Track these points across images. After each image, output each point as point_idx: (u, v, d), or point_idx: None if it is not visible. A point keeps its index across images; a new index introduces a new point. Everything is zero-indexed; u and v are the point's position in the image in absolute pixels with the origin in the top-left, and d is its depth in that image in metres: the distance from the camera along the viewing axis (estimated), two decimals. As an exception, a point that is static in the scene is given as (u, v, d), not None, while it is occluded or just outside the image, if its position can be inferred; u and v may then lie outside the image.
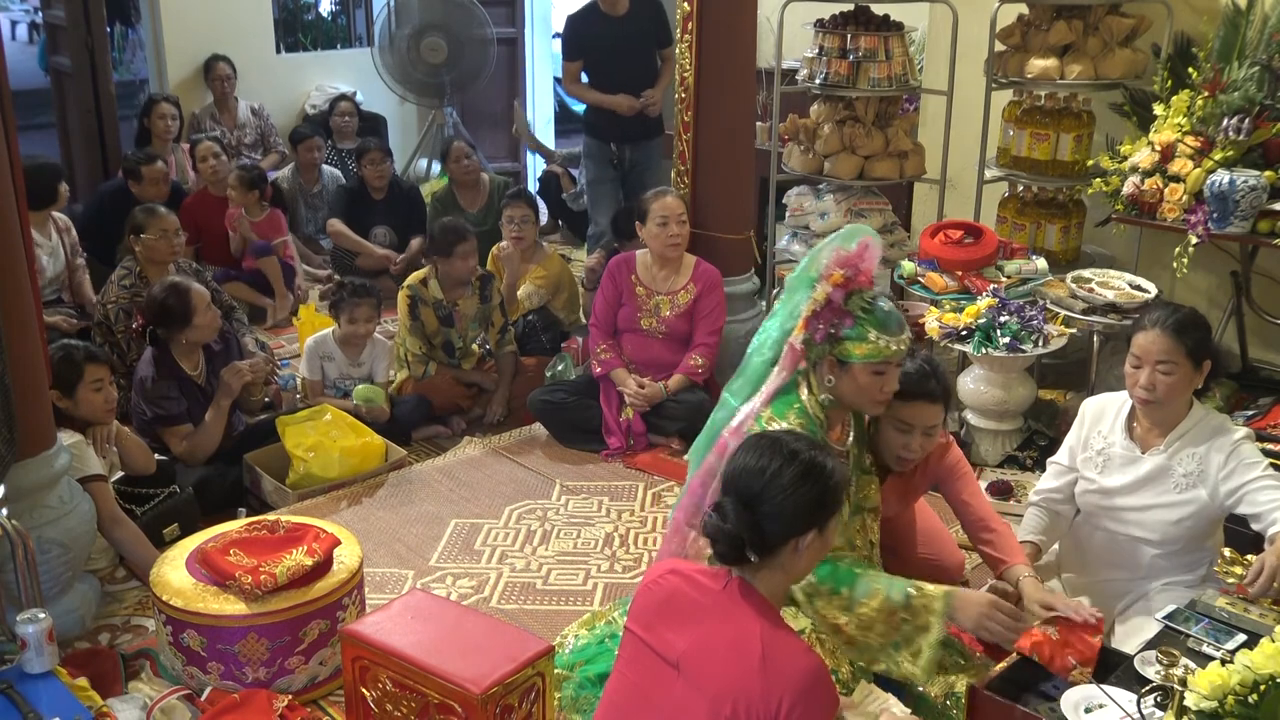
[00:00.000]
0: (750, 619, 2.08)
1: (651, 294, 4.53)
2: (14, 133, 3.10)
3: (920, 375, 3.00)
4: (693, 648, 2.10)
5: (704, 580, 2.18)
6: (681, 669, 2.10)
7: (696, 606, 2.15)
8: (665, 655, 2.14)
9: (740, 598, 2.12)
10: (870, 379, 2.74)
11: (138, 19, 7.75)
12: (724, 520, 2.12)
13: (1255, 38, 4.29)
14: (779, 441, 2.19)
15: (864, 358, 2.71)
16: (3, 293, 2.99)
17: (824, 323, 2.72)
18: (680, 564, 2.28)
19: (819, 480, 2.13)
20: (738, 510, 2.11)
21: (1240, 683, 1.96)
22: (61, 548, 3.16)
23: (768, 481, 2.11)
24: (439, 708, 2.45)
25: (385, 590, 3.54)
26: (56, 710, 2.53)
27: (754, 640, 2.05)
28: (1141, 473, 3.03)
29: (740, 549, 2.11)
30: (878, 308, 2.73)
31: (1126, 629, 2.98)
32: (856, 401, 2.81)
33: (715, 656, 2.07)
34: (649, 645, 2.17)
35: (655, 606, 2.20)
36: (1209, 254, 4.58)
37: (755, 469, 2.14)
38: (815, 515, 2.13)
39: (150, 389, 4.05)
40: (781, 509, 2.10)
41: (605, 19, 5.72)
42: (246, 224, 6.06)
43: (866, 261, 2.76)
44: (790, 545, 2.12)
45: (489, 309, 4.90)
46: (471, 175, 6.52)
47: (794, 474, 2.11)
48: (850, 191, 5.16)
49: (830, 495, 2.15)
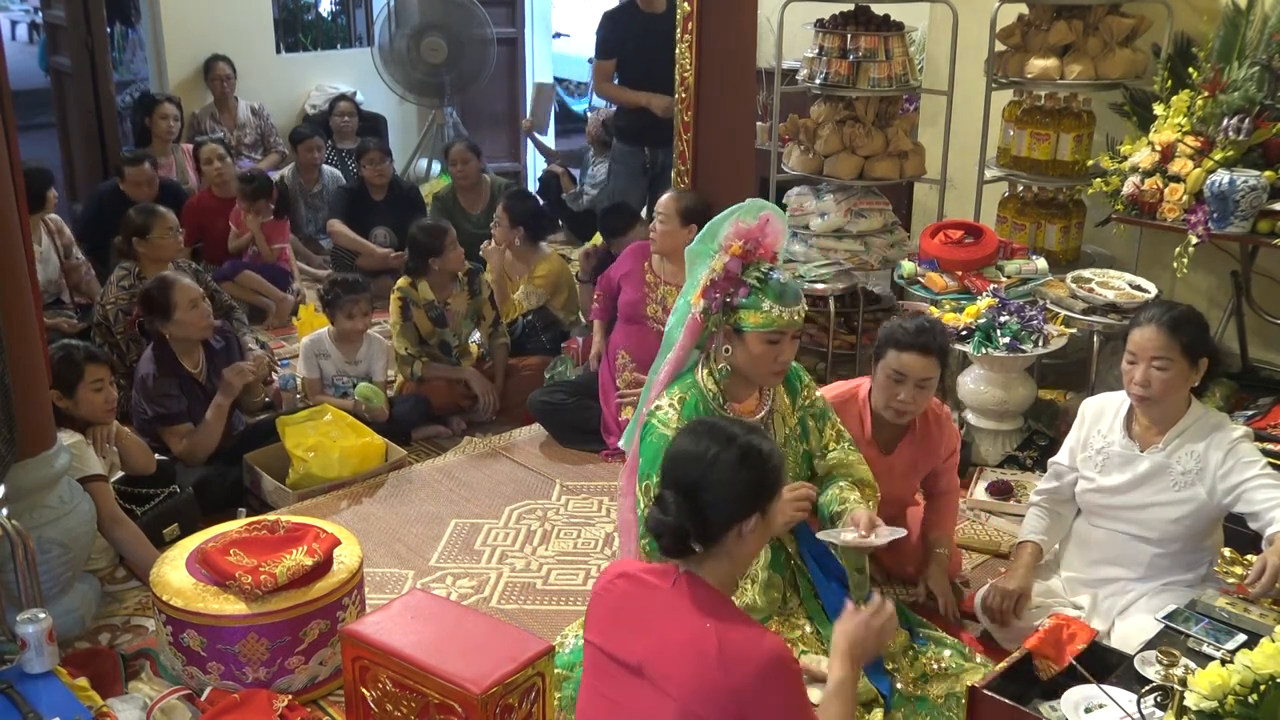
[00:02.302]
0: (701, 614, 2.06)
1: (660, 282, 4.52)
2: (14, 133, 3.11)
3: (917, 329, 3.15)
4: (651, 651, 2.08)
5: (652, 580, 2.16)
6: (645, 674, 2.09)
7: (648, 609, 2.13)
8: (626, 662, 2.12)
9: (689, 593, 2.10)
10: (764, 348, 2.81)
11: (138, 19, 7.76)
12: (665, 513, 2.11)
13: (1255, 38, 4.29)
14: (715, 427, 2.17)
15: (757, 326, 2.79)
16: (3, 293, 2.99)
17: (720, 291, 2.81)
18: (628, 566, 2.26)
19: (757, 463, 2.11)
20: (678, 501, 2.09)
21: (1240, 683, 1.96)
22: (61, 548, 3.16)
23: (706, 468, 2.09)
24: (439, 708, 2.45)
25: (385, 590, 3.54)
26: (56, 710, 2.53)
27: (708, 635, 2.03)
28: (1140, 471, 3.03)
29: (684, 540, 2.10)
30: (773, 278, 2.82)
31: (1126, 629, 2.98)
32: (752, 371, 2.87)
33: (674, 657, 2.05)
34: (609, 654, 2.16)
35: (608, 614, 2.19)
36: (1209, 254, 4.58)
37: (693, 457, 2.12)
38: (756, 499, 2.11)
39: (151, 387, 4.05)
40: (722, 496, 2.08)
41: (642, 17, 5.64)
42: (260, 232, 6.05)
43: (768, 236, 2.85)
44: (734, 531, 2.10)
45: (479, 303, 4.91)
46: (469, 179, 6.52)
47: (733, 458, 2.09)
48: (850, 191, 5.16)
49: (769, 477, 2.14)
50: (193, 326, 4.13)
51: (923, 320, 3.24)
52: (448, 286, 4.82)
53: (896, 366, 3.15)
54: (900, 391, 3.17)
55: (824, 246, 5.13)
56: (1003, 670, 2.60)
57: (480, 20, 7.86)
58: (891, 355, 3.16)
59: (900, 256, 5.01)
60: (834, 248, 5.10)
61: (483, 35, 7.89)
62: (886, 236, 5.20)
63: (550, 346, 5.22)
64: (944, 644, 3.08)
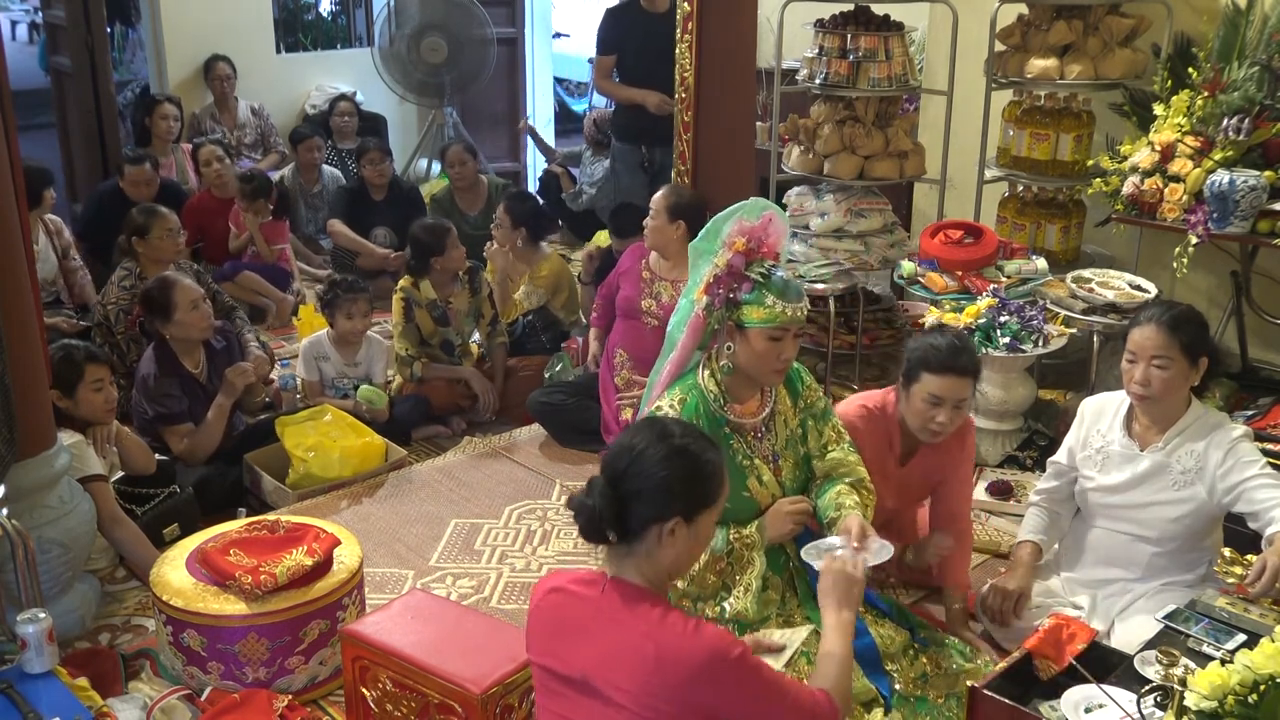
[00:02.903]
0: (635, 618, 2.02)
1: (655, 278, 4.51)
2: (14, 133, 3.11)
3: (951, 350, 3.04)
4: (592, 662, 2.04)
5: (582, 590, 2.11)
6: (590, 685, 2.04)
7: (582, 619, 2.08)
8: (570, 677, 2.07)
9: (619, 599, 2.05)
10: (767, 345, 2.80)
11: (138, 19, 7.76)
12: (588, 495, 2.07)
13: (1255, 38, 4.29)
14: (658, 423, 2.14)
15: (760, 322, 2.79)
16: (3, 293, 2.99)
17: (723, 287, 2.81)
18: (557, 580, 2.18)
19: (688, 467, 2.05)
20: (602, 486, 2.05)
21: (1240, 683, 1.96)
22: (61, 548, 3.16)
23: (633, 459, 2.05)
24: (439, 708, 2.45)
25: (385, 590, 3.54)
26: (56, 710, 2.53)
27: (644, 640, 1.99)
28: (1140, 470, 3.04)
29: (599, 526, 2.05)
30: (775, 275, 2.82)
31: (1126, 629, 2.98)
32: (754, 369, 2.86)
33: (615, 665, 2.01)
34: (552, 671, 2.11)
35: (546, 631, 2.14)
36: (1209, 254, 4.58)
37: (626, 446, 2.08)
38: (680, 503, 2.04)
39: (152, 387, 4.06)
40: (643, 488, 2.03)
41: (644, 15, 5.65)
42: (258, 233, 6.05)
43: (771, 235, 2.86)
44: (654, 532, 2.04)
45: (479, 300, 4.91)
46: (466, 180, 6.52)
47: (660, 454, 2.04)
48: (850, 191, 5.16)
49: (701, 486, 2.07)
50: (193, 327, 4.13)
51: (952, 339, 3.09)
52: (450, 285, 4.83)
53: (934, 390, 3.03)
54: (938, 414, 3.05)
55: (824, 246, 5.13)
56: (1003, 670, 2.60)
57: (480, 20, 7.86)
58: (927, 379, 3.03)
59: (900, 256, 5.01)
60: (834, 248, 5.10)
61: (483, 35, 7.89)
62: (886, 236, 5.20)
63: (550, 346, 5.22)
64: (944, 644, 3.08)
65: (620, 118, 5.94)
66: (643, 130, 5.70)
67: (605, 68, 5.89)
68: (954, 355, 3.03)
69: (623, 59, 5.78)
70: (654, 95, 5.53)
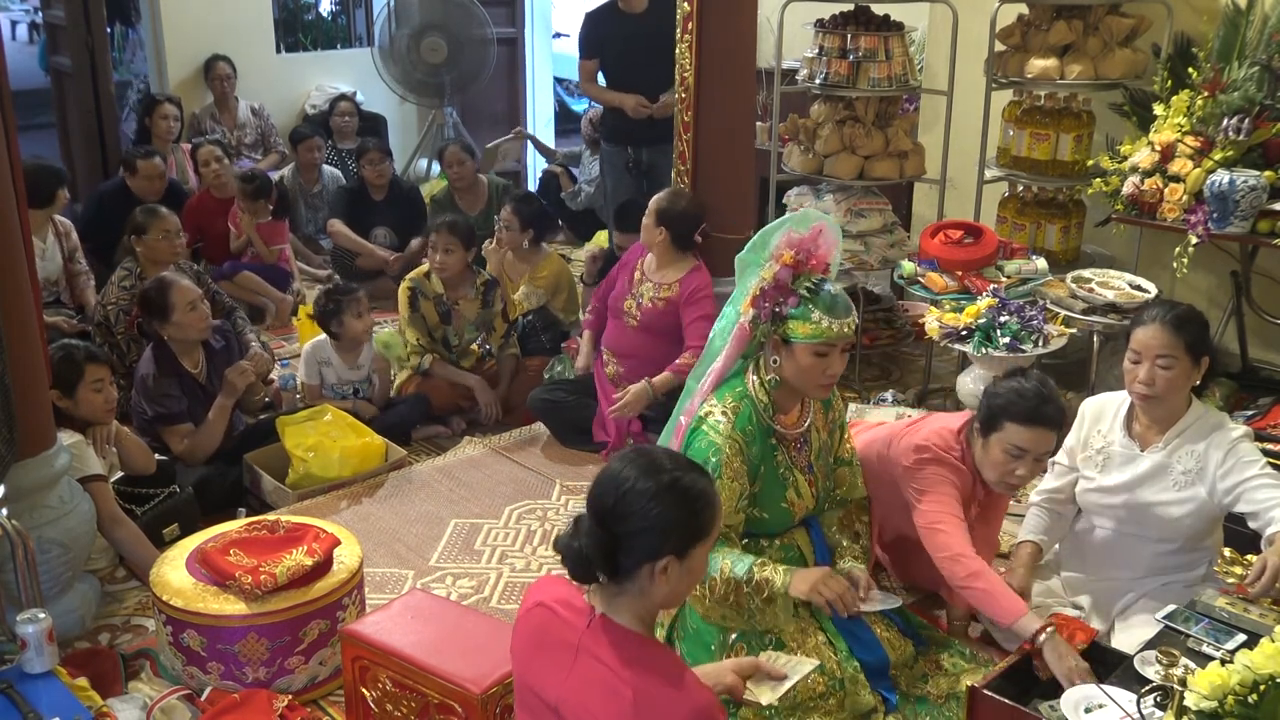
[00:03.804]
0: (618, 662, 1.92)
1: (643, 279, 4.50)
2: (14, 133, 3.11)
3: (1038, 397, 2.89)
4: (567, 693, 1.97)
5: (568, 616, 2.02)
6: (561, 714, 1.98)
7: (564, 645, 2.00)
8: (545, 698, 2.01)
9: (604, 637, 1.96)
10: (813, 360, 2.76)
11: (138, 19, 7.75)
12: (574, 537, 1.97)
13: (1255, 38, 4.29)
14: (646, 455, 2.01)
15: (807, 337, 2.75)
16: (3, 293, 2.99)
17: (770, 301, 2.77)
18: (545, 594, 2.09)
19: (680, 504, 1.93)
20: (591, 527, 1.95)
21: (1240, 683, 1.96)
22: (61, 548, 3.16)
23: (621, 496, 1.93)
24: (439, 708, 2.45)
25: (385, 590, 3.54)
26: (56, 710, 2.53)
27: (623, 687, 1.90)
28: (1141, 470, 3.04)
29: (589, 568, 1.96)
30: (824, 290, 2.78)
31: (1126, 629, 2.98)
32: (800, 383, 2.83)
33: (589, 705, 1.93)
34: (530, 688, 2.06)
35: (529, 645, 2.08)
36: (1209, 254, 4.58)
37: (613, 481, 1.95)
38: (674, 540, 1.92)
39: (152, 387, 4.06)
40: (635, 529, 1.91)
41: (623, 17, 5.65)
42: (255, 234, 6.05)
43: (821, 248, 2.81)
44: (645, 570, 1.93)
45: (490, 314, 4.90)
46: (465, 181, 6.52)
47: (651, 491, 1.92)
48: (850, 191, 5.16)
49: (694, 521, 1.95)
50: (191, 328, 4.13)
51: (1037, 385, 2.92)
52: (460, 287, 4.82)
53: (1018, 442, 2.89)
54: (1018, 467, 2.92)
55: (824, 246, 5.12)
56: (1003, 670, 2.60)
57: (480, 20, 7.86)
58: (1011, 429, 2.88)
59: (900, 256, 5.01)
60: (838, 246, 5.10)
61: (483, 35, 7.89)
62: (886, 236, 5.20)
63: (550, 346, 5.22)
64: (944, 644, 3.08)
65: (607, 120, 5.96)
66: (627, 132, 5.72)
67: (589, 72, 5.90)
68: (1043, 404, 2.89)
69: (604, 62, 5.80)
70: (631, 98, 5.56)
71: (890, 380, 5.26)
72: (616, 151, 5.85)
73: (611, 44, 5.71)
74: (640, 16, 5.57)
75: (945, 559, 2.90)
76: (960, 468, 3.01)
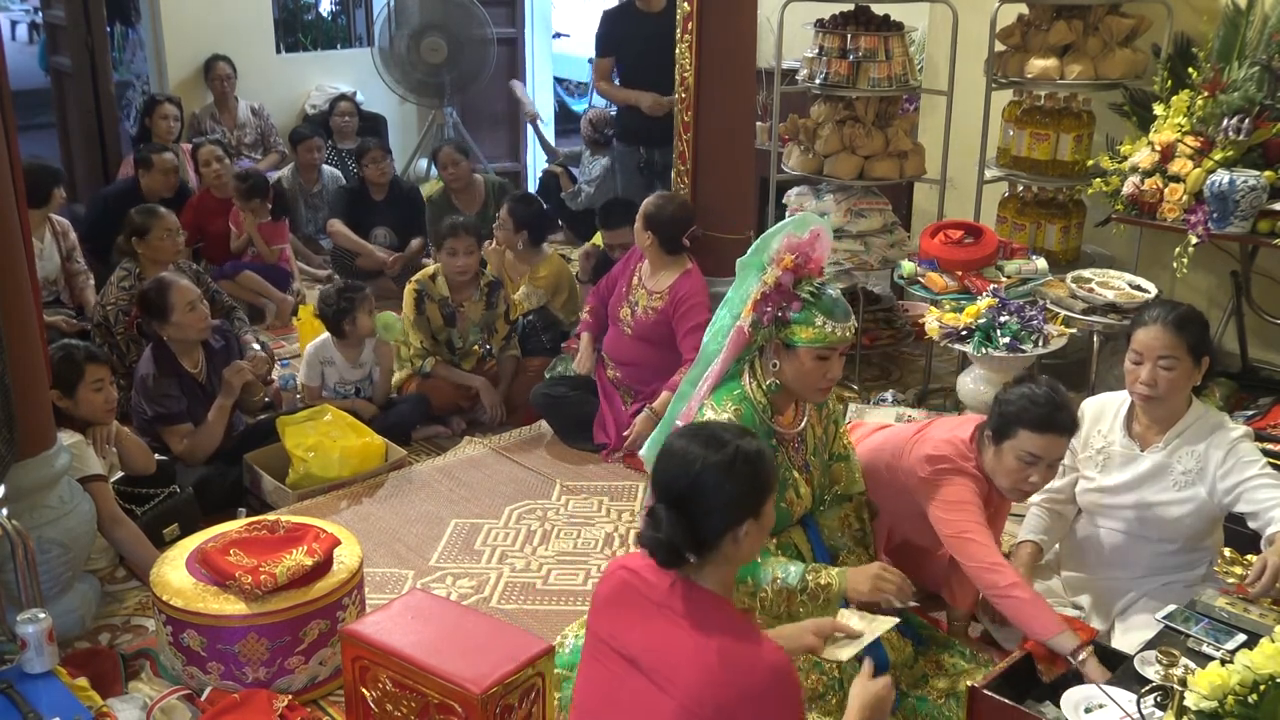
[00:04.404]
0: (703, 622, 2.03)
1: (639, 286, 4.51)
2: (14, 133, 3.11)
3: (1052, 405, 2.87)
4: (648, 646, 2.07)
5: (651, 578, 2.12)
6: (640, 667, 2.07)
7: (646, 603, 2.10)
8: (623, 651, 2.11)
9: (688, 600, 2.07)
10: (814, 364, 2.79)
11: (138, 19, 7.75)
12: (656, 528, 2.06)
13: (1255, 38, 4.28)
14: (705, 430, 2.13)
15: (809, 342, 2.77)
16: (3, 293, 2.99)
17: (772, 305, 2.78)
18: (630, 560, 2.20)
19: (746, 467, 2.05)
20: (670, 515, 2.04)
21: (1240, 683, 1.96)
22: (61, 548, 3.16)
23: (693, 478, 2.04)
24: (439, 708, 2.45)
25: (385, 590, 3.54)
26: (56, 710, 2.53)
27: (709, 650, 2.00)
28: (1141, 470, 3.04)
29: (679, 554, 2.05)
30: (825, 294, 2.80)
31: (1126, 629, 2.98)
32: (799, 387, 2.84)
33: (673, 660, 2.02)
34: (607, 642, 2.15)
35: (608, 601, 2.18)
36: (1209, 254, 4.58)
37: (679, 463, 2.06)
38: (748, 504, 2.06)
39: (151, 387, 4.06)
40: (714, 505, 2.03)
41: (642, 17, 5.65)
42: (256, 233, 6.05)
43: (817, 250, 2.83)
44: (729, 537, 2.05)
45: (493, 316, 4.90)
46: (460, 181, 6.52)
47: (721, 465, 2.03)
48: (850, 191, 5.16)
49: (761, 480, 2.08)
50: (191, 328, 4.13)
51: (1049, 391, 2.90)
52: (465, 289, 4.82)
53: (1032, 449, 2.86)
54: (1032, 474, 2.89)
55: (824, 246, 5.12)
56: (1003, 670, 2.60)
57: (480, 20, 7.86)
58: (1025, 436, 2.85)
59: (900, 256, 5.01)
60: (834, 247, 5.09)
61: (483, 35, 7.88)
62: (886, 236, 5.20)
63: (550, 346, 5.22)
64: (944, 644, 3.08)
65: (621, 119, 5.97)
66: (641, 131, 5.72)
67: (604, 70, 5.90)
68: (1057, 411, 2.87)
69: (620, 60, 5.79)
70: (647, 96, 5.56)
71: (890, 380, 5.26)
72: (629, 151, 5.87)
73: (629, 43, 5.72)
74: (658, 16, 5.57)
75: (980, 569, 2.86)
76: (979, 476, 2.99)
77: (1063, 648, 2.65)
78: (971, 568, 2.89)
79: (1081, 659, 2.62)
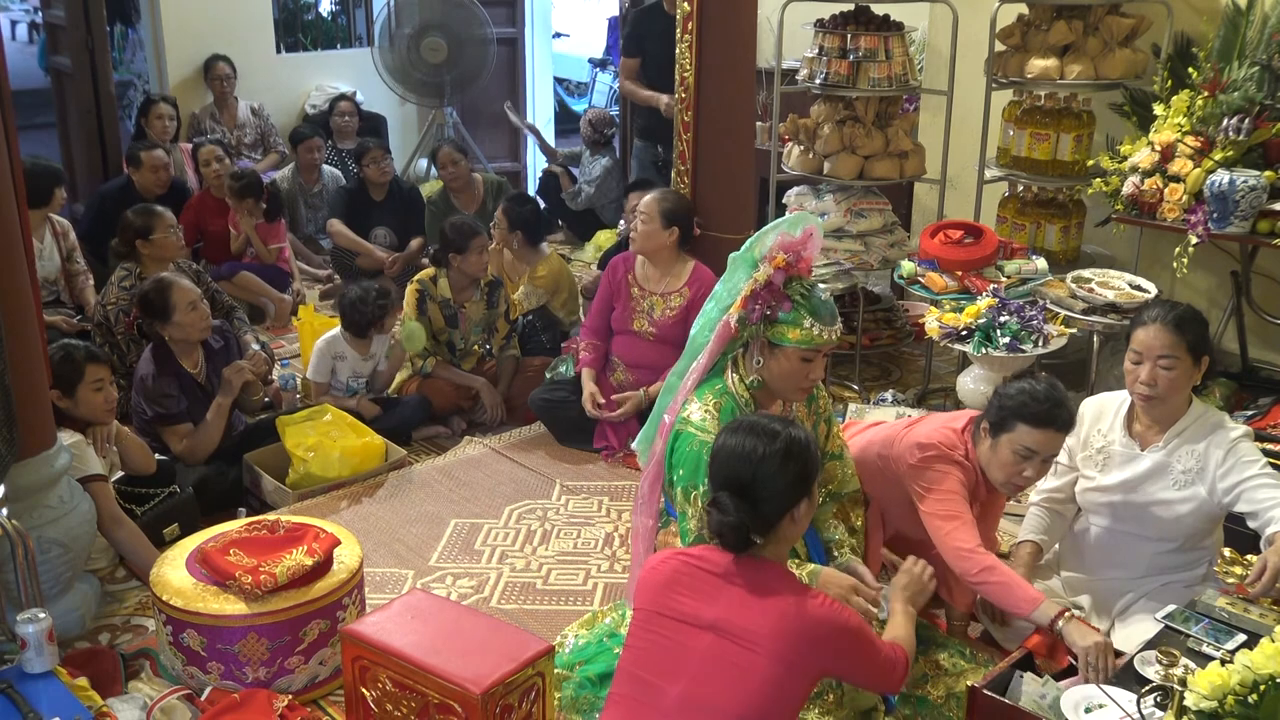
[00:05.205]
0: (777, 584, 2.28)
1: (646, 294, 4.51)
2: (14, 133, 3.10)
3: (1051, 401, 2.88)
4: (725, 616, 2.25)
5: (710, 557, 2.33)
6: (719, 630, 2.25)
7: (712, 579, 2.30)
8: (693, 621, 2.27)
9: (757, 569, 2.30)
10: (798, 365, 2.81)
11: (138, 19, 7.76)
12: (725, 513, 2.28)
13: (1255, 38, 4.29)
14: (756, 426, 2.35)
15: (796, 342, 2.79)
16: (3, 293, 2.99)
17: (761, 303, 2.80)
18: (675, 551, 2.42)
19: (800, 454, 2.31)
20: (735, 501, 2.27)
21: (1240, 683, 1.96)
22: (61, 548, 3.16)
23: (756, 467, 2.28)
24: (439, 708, 2.45)
25: (385, 590, 3.54)
26: (56, 710, 2.53)
27: (787, 599, 2.24)
28: (1141, 470, 3.04)
29: (746, 536, 2.28)
30: (814, 296, 2.82)
31: (1126, 629, 2.98)
32: (781, 386, 2.86)
33: (753, 616, 2.23)
34: (666, 615, 2.31)
35: (663, 585, 2.34)
36: (1209, 254, 4.58)
37: (741, 457, 2.30)
38: (802, 486, 2.32)
39: (151, 387, 4.06)
40: (774, 490, 2.28)
41: (666, 18, 5.67)
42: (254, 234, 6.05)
43: (809, 250, 2.84)
44: (787, 518, 2.31)
45: (494, 315, 4.90)
46: (459, 181, 6.52)
47: (777, 455, 2.28)
48: (850, 191, 5.16)
49: (811, 465, 2.34)
50: (191, 328, 4.13)
51: (1048, 387, 2.91)
52: (467, 290, 4.83)
53: (1029, 444, 2.86)
54: (1026, 469, 2.90)
55: (824, 246, 5.11)
56: (1003, 670, 2.60)
57: (480, 20, 7.86)
58: (1023, 430, 2.86)
59: (900, 256, 5.01)
60: (834, 248, 5.10)
61: (483, 35, 7.89)
62: (886, 236, 5.20)
63: (550, 346, 5.22)
64: (944, 644, 3.08)
65: (639, 118, 6.09)
66: (655, 129, 5.82)
67: (630, 69, 5.99)
68: (1055, 407, 2.87)
69: (645, 61, 5.85)
70: (665, 97, 5.65)
71: (890, 380, 5.26)
72: (646, 148, 5.98)
73: (653, 43, 5.78)
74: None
75: (956, 555, 2.89)
76: (966, 465, 3.00)
77: (1045, 616, 2.71)
78: (949, 552, 2.92)
79: (1061, 625, 2.67)
